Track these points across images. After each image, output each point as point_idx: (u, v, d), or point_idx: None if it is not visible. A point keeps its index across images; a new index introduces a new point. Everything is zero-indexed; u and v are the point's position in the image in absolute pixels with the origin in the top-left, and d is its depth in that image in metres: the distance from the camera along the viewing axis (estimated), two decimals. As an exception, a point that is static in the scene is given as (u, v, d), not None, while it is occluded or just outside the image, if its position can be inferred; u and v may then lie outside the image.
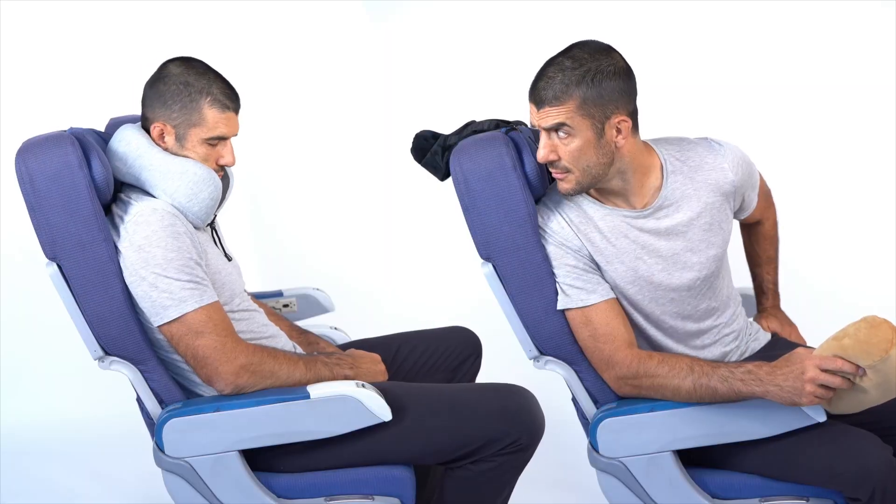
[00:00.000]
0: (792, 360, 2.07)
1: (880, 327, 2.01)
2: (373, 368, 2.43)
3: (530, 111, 2.21)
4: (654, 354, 2.21)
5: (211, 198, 2.30)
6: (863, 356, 2.00)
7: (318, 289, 2.84)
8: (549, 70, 2.19)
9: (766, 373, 2.08)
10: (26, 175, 2.21)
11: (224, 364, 2.22)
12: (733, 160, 2.34)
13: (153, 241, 2.21)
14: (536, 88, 2.19)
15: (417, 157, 2.45)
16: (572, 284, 2.24)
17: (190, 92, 2.30)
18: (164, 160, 2.29)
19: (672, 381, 2.17)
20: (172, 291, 2.20)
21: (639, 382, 2.21)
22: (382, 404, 2.23)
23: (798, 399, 2.05)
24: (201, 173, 2.29)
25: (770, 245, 2.62)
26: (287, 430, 2.25)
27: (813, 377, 2.03)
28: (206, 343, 2.21)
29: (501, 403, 2.31)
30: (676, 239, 2.29)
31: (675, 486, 2.24)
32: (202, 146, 2.32)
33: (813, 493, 2.21)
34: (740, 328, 2.42)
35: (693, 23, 4.17)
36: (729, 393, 2.12)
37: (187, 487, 2.28)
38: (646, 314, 2.31)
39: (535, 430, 2.30)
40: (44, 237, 2.23)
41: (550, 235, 2.26)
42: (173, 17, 4.19)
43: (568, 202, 2.29)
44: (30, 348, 3.93)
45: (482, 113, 2.75)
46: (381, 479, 2.30)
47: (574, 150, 2.19)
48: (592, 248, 2.26)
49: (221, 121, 2.32)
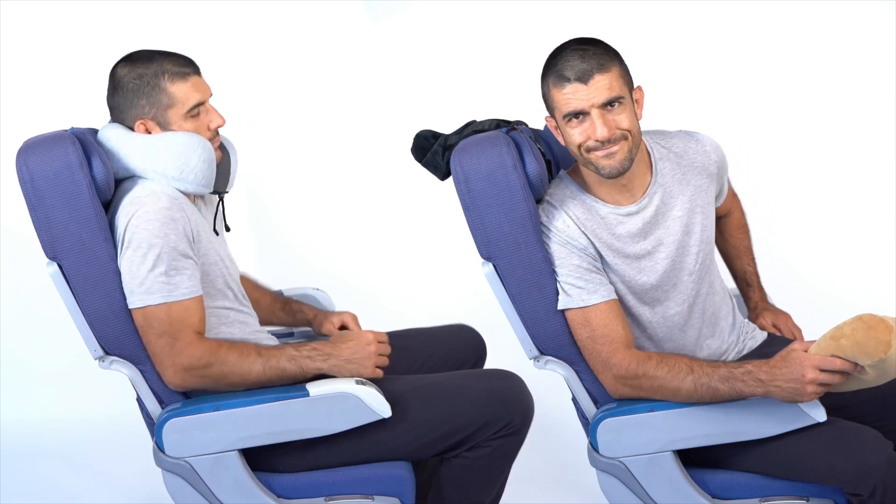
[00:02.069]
0: (790, 361, 2.07)
1: (877, 328, 1.99)
2: (359, 353, 2.30)
3: (565, 97, 2.19)
4: (652, 355, 2.21)
5: (202, 160, 2.28)
6: (861, 357, 2.00)
7: (318, 289, 2.84)
8: (575, 50, 2.19)
9: (766, 373, 2.09)
10: (27, 174, 2.21)
11: (169, 366, 2.23)
12: (711, 143, 2.40)
13: (141, 222, 2.20)
14: (575, 65, 2.18)
15: (418, 157, 2.45)
16: (574, 284, 2.24)
17: (147, 80, 2.28)
18: (146, 141, 2.28)
19: (672, 383, 2.17)
20: (143, 279, 2.20)
21: (638, 383, 2.21)
22: (382, 401, 2.23)
23: (799, 398, 2.07)
24: (184, 139, 2.27)
25: (745, 234, 2.63)
26: (286, 429, 2.25)
27: (813, 378, 2.04)
28: (159, 341, 2.22)
29: (492, 387, 2.33)
30: (674, 224, 2.31)
31: (675, 486, 2.24)
32: (187, 122, 2.30)
33: (813, 492, 2.21)
34: (738, 322, 2.43)
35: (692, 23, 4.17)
36: (730, 393, 2.12)
37: (187, 487, 2.28)
38: (653, 302, 2.31)
39: (526, 413, 2.33)
40: (44, 237, 2.23)
41: (554, 234, 2.26)
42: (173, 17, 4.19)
43: (572, 199, 2.29)
44: (30, 348, 3.93)
45: (483, 113, 2.75)
46: (381, 478, 2.31)
47: (626, 121, 2.20)
48: (600, 243, 2.26)
49: (189, 89, 2.30)
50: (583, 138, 2.20)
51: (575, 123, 2.20)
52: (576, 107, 2.19)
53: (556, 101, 2.21)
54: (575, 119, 2.20)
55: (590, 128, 2.19)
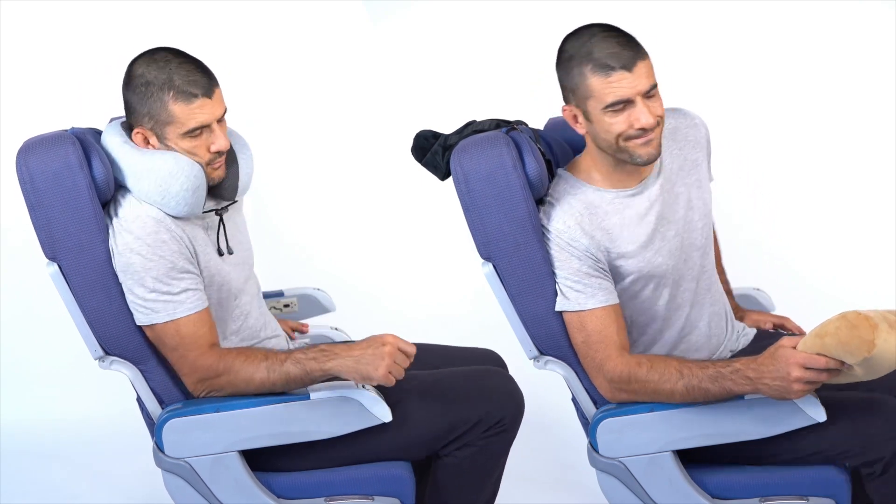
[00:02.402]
0: (777, 359, 2.05)
1: (860, 327, 1.95)
2: (372, 352, 2.14)
3: (611, 86, 2.13)
4: (642, 361, 2.20)
5: (184, 188, 2.19)
6: (846, 356, 1.97)
7: (319, 289, 2.84)
8: (609, 36, 2.16)
9: (753, 370, 2.07)
10: (27, 175, 2.21)
11: (185, 378, 2.26)
12: (697, 116, 2.40)
13: (133, 248, 2.19)
14: (617, 53, 2.13)
15: (418, 157, 2.45)
16: (572, 287, 2.23)
17: (152, 92, 2.20)
18: (133, 159, 2.23)
19: (665, 386, 2.16)
20: (146, 301, 2.20)
21: (631, 388, 2.21)
22: (383, 406, 2.22)
23: (787, 396, 2.05)
24: (168, 166, 2.19)
25: (718, 248, 2.60)
26: (286, 431, 2.25)
27: (798, 377, 2.02)
28: (172, 355, 2.24)
29: (483, 385, 2.33)
30: (678, 201, 2.30)
31: (675, 486, 2.24)
32: (184, 141, 2.23)
33: (813, 492, 2.21)
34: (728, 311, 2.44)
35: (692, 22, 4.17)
36: (721, 392, 2.12)
37: (187, 488, 2.28)
38: (672, 284, 2.30)
39: (516, 410, 2.34)
40: (44, 237, 2.23)
41: (554, 236, 2.24)
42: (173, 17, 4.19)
43: (573, 196, 2.26)
44: (30, 348, 3.93)
45: (483, 113, 2.75)
46: (381, 478, 2.31)
47: (660, 108, 2.18)
48: (607, 237, 2.25)
49: (191, 112, 2.20)
50: (624, 127, 2.15)
51: (617, 112, 2.15)
52: (622, 95, 2.13)
53: (598, 90, 2.14)
54: (618, 108, 2.15)
55: (633, 116, 2.14)
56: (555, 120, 2.59)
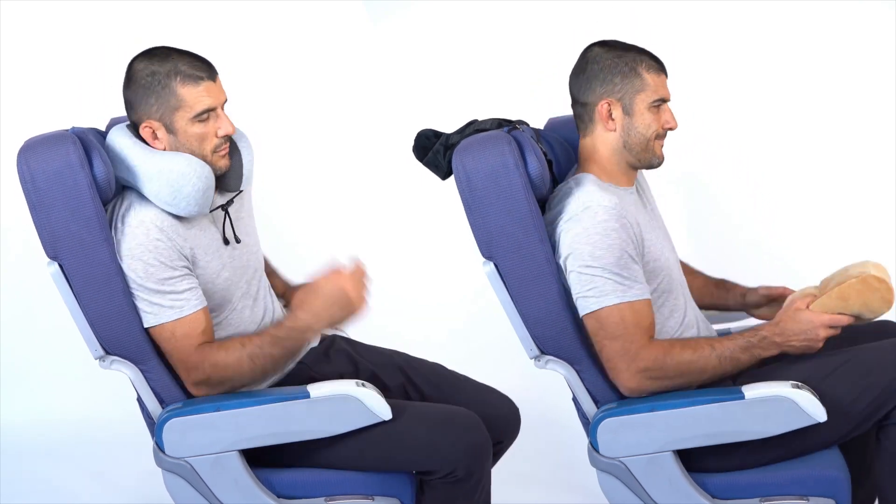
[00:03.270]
0: (801, 322, 2.22)
1: (881, 290, 2.21)
2: (335, 296, 2.23)
3: (664, 84, 2.32)
4: (674, 342, 2.23)
5: (196, 189, 2.24)
6: (867, 313, 2.23)
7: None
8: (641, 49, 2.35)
9: (780, 336, 2.23)
10: (28, 174, 2.21)
11: (185, 376, 2.26)
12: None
13: (136, 253, 2.21)
14: (658, 61, 2.34)
15: (419, 156, 2.45)
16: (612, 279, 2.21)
17: (159, 79, 2.26)
18: (145, 160, 2.25)
19: (699, 363, 2.22)
20: (151, 301, 2.22)
21: (664, 372, 2.21)
22: (382, 403, 2.23)
23: (811, 351, 2.25)
24: (179, 168, 2.23)
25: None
26: (287, 430, 2.25)
27: (826, 336, 2.23)
28: (173, 356, 2.26)
29: (440, 433, 2.28)
30: (654, 212, 2.43)
31: (675, 486, 2.24)
32: (193, 126, 2.27)
33: (813, 492, 2.22)
34: None
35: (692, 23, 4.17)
36: (751, 360, 2.25)
37: (187, 487, 2.28)
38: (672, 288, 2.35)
39: (471, 463, 2.27)
40: (45, 236, 2.23)
41: (608, 209, 2.22)
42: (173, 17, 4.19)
43: (600, 188, 2.28)
44: (30, 348, 3.93)
45: (484, 112, 2.75)
46: (381, 479, 2.31)
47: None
48: (638, 227, 2.27)
49: (199, 94, 2.26)
50: (659, 125, 2.31)
51: (658, 110, 2.31)
52: (664, 95, 2.32)
53: (654, 84, 2.30)
54: (660, 106, 2.32)
55: (664, 118, 2.32)
56: (555, 120, 2.59)
